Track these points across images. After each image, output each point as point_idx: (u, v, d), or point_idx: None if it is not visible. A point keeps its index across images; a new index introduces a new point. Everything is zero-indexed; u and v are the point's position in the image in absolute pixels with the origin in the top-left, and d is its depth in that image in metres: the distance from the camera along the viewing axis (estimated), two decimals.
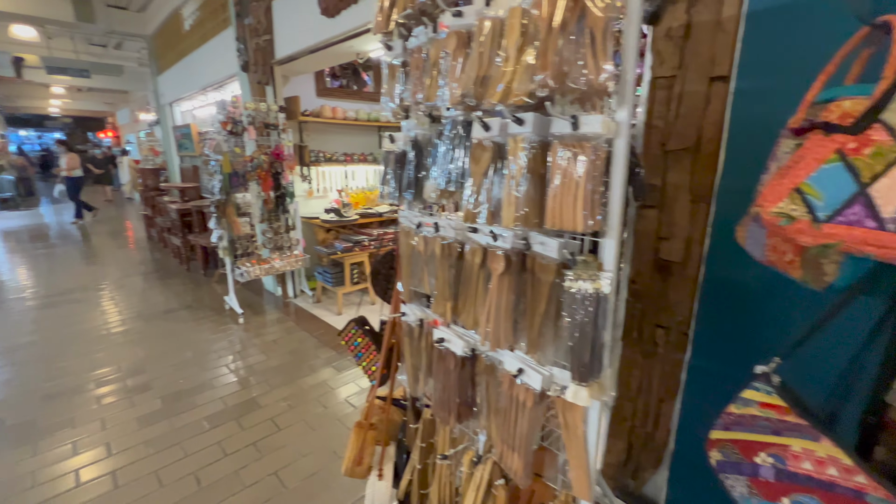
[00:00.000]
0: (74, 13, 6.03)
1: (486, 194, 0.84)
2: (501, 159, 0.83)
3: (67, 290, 4.62)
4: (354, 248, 3.96)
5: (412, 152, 1.07)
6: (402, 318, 1.23)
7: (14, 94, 14.45)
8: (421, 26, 0.99)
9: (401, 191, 1.11)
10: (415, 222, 1.10)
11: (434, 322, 1.13)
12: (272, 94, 3.84)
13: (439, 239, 1.03)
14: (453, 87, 0.87)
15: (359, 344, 1.57)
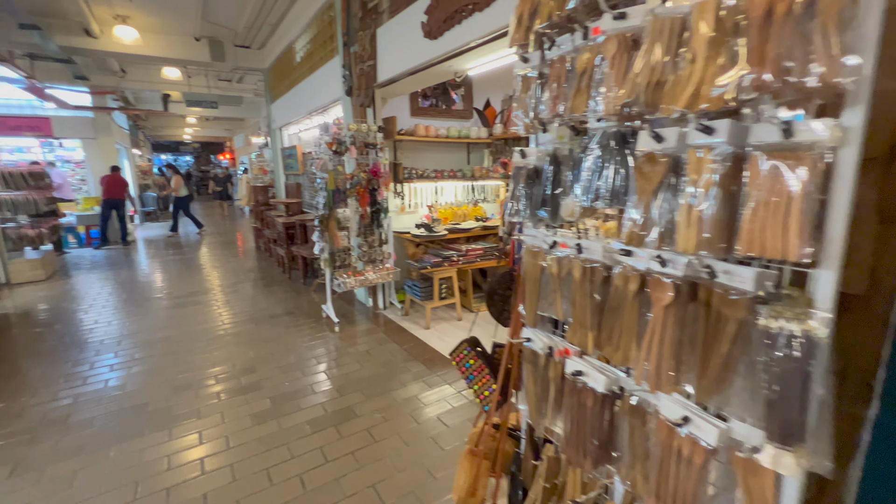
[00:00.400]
0: (210, 54, 7.03)
1: (656, 214, 0.74)
2: (677, 174, 0.73)
3: (192, 292, 5.27)
4: (443, 264, 3.98)
5: (549, 167, 1.00)
6: (526, 343, 1.15)
7: (159, 125, 17.24)
8: (566, 34, 0.93)
9: (532, 209, 1.04)
10: (548, 242, 1.02)
11: (565, 351, 1.03)
12: (372, 115, 4.06)
13: (580, 261, 0.94)
14: (613, 95, 0.79)
15: (471, 366, 1.52)
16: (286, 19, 6.10)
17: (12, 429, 2.52)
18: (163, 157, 25.30)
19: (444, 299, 4.07)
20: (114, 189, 8.12)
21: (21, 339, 3.85)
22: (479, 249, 4.23)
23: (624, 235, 0.80)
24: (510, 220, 1.14)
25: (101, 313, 4.50)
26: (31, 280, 5.91)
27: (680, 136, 0.71)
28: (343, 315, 4.31)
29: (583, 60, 0.89)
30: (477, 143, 5.16)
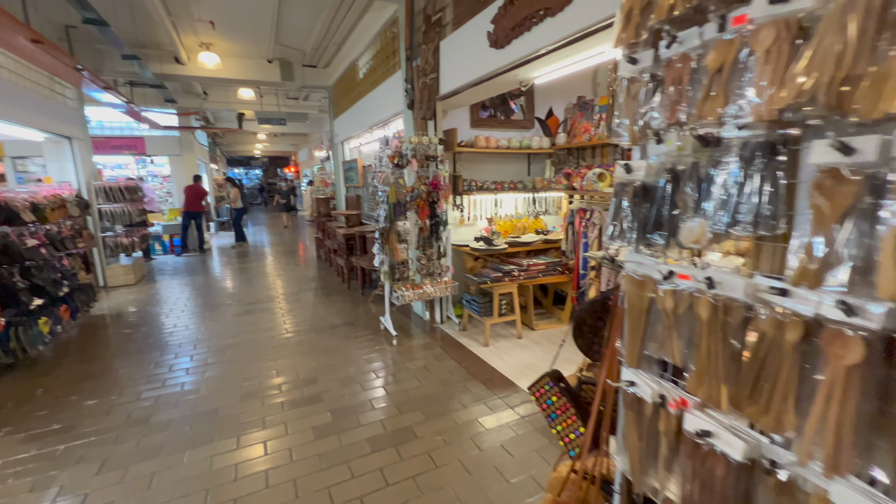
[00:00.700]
0: (281, 74, 7.47)
1: (841, 247, 0.57)
2: (876, 196, 0.56)
3: (258, 299, 5.53)
4: (504, 279, 3.84)
5: (666, 184, 0.85)
6: (628, 388, 0.99)
7: (234, 142, 18.69)
8: (692, 27, 0.78)
9: (642, 231, 0.89)
10: (661, 271, 0.87)
11: (683, 403, 0.86)
12: (433, 127, 4.04)
13: (709, 297, 0.77)
14: (769, 96, 0.63)
15: (553, 403, 1.37)
16: (350, 38, 6.33)
17: (102, 426, 2.71)
18: (236, 170, 27.44)
19: (504, 316, 3.91)
20: (193, 201, 8.83)
21: (113, 339, 4.21)
22: (541, 264, 4.03)
23: (793, 272, 0.63)
24: (610, 244, 0.99)
25: (179, 317, 4.84)
26: (124, 284, 6.52)
27: (883, 147, 0.54)
28: (400, 328, 4.29)
29: (717, 57, 0.74)
30: (538, 154, 4.99)
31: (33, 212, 3.96)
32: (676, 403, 0.87)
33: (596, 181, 4.12)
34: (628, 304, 0.99)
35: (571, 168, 4.57)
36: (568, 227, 4.42)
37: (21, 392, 3.17)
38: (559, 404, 1.36)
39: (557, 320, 4.35)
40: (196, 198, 8.87)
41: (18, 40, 3.71)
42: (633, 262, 0.97)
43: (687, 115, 0.80)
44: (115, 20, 5.32)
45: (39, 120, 5.04)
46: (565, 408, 1.34)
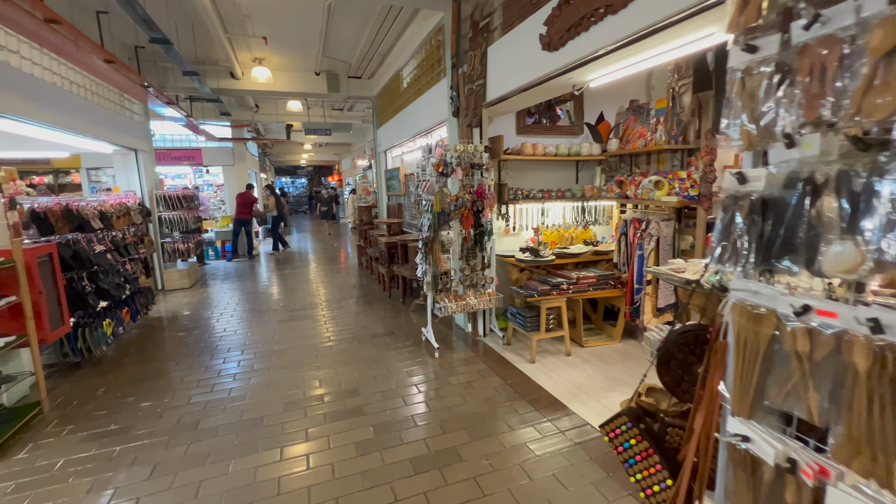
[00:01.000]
0: (328, 86, 7.67)
1: None
2: None
3: (302, 306, 5.62)
4: (552, 292, 3.65)
5: (801, 197, 0.68)
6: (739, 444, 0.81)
7: (282, 152, 19.52)
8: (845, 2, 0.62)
9: (763, 254, 0.73)
10: (795, 305, 0.70)
11: (823, 472, 0.69)
12: (478, 135, 3.94)
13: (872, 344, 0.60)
14: None
15: (631, 447, 1.20)
16: (395, 49, 6.39)
17: (155, 429, 2.78)
18: (283, 179, 28.67)
19: (552, 331, 3.71)
20: (244, 208, 9.21)
21: (168, 342, 4.38)
22: (591, 277, 3.81)
23: None
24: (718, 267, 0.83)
25: (228, 322, 4.98)
26: (179, 287, 6.86)
27: None
28: (442, 340, 4.18)
29: (886, 36, 0.58)
30: (587, 161, 4.76)
31: (101, 219, 4.22)
32: (814, 472, 0.70)
33: (652, 189, 3.85)
34: (737, 341, 0.83)
35: (624, 175, 4.32)
36: (620, 238, 4.17)
37: (85, 391, 3.34)
38: (639, 449, 1.19)
39: (608, 337, 4.09)
40: (247, 205, 9.26)
41: (94, 60, 3.98)
42: (745, 290, 0.81)
43: (833, 111, 0.64)
44: (178, 39, 5.66)
45: (110, 134, 5.41)
46: (647, 454, 1.17)
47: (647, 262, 3.78)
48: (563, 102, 4.86)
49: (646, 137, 4.05)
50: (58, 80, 4.34)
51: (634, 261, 3.89)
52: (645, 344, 2.65)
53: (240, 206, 9.21)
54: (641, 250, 3.83)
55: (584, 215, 4.55)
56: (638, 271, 3.86)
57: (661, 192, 3.80)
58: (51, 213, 3.67)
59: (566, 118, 4.88)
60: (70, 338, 3.67)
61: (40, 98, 3.96)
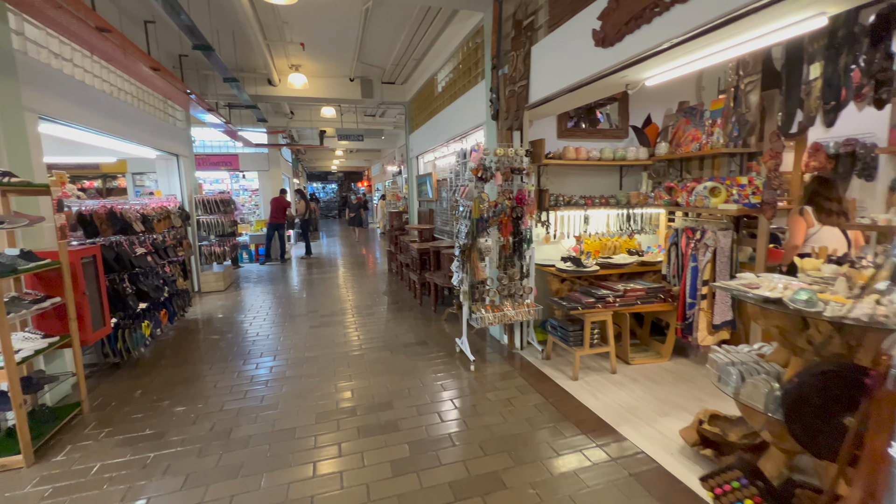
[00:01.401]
0: (361, 92, 7.69)
1: None
2: None
3: (333, 311, 5.57)
4: (597, 305, 3.42)
5: None
6: None
7: (314, 158, 19.93)
8: None
9: None
10: None
11: None
12: (519, 138, 3.78)
13: None
14: None
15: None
16: (430, 53, 6.33)
17: (189, 436, 2.73)
18: (314, 184, 29.31)
19: (596, 347, 3.48)
20: (278, 213, 9.36)
21: (203, 345, 4.40)
22: (639, 290, 3.55)
23: None
24: None
25: (261, 326, 4.98)
26: (215, 290, 6.98)
27: None
28: (477, 351, 4.01)
29: None
30: (632, 166, 4.51)
31: (143, 222, 4.29)
32: None
33: (707, 196, 3.57)
34: None
35: (674, 181, 4.04)
36: (670, 249, 3.89)
37: (123, 392, 3.36)
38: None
39: (656, 354, 3.80)
40: (280, 209, 9.40)
41: (141, 68, 4.08)
42: None
43: None
44: (219, 47, 5.78)
45: (154, 139, 5.56)
46: None
47: (702, 275, 3.49)
48: (603, 106, 4.63)
49: (700, 140, 3.77)
50: (106, 87, 4.48)
51: (687, 273, 3.61)
52: (710, 367, 2.40)
53: (274, 211, 9.36)
54: (695, 262, 3.55)
55: (629, 223, 4.29)
56: (691, 284, 3.57)
57: (717, 200, 3.52)
58: (96, 215, 3.75)
59: (606, 122, 4.65)
60: (110, 338, 3.72)
61: (91, 104, 4.09)
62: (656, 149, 4.20)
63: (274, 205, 9.43)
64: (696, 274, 3.55)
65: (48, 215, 3.08)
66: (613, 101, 4.60)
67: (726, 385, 2.17)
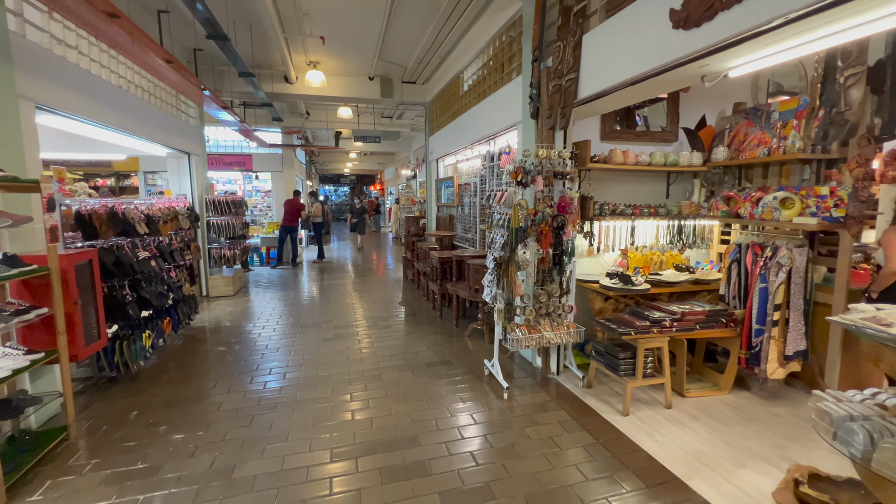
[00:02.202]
0: (381, 91, 7.37)
1: None
2: None
3: (347, 322, 5.20)
4: (652, 329, 2.99)
5: None
6: None
7: (328, 160, 19.76)
8: None
9: None
10: None
11: None
12: (562, 139, 3.38)
13: None
14: None
15: None
16: (456, 49, 5.98)
17: (185, 472, 2.36)
18: (326, 187, 29.20)
19: (650, 377, 3.04)
20: (291, 216, 9.07)
21: (209, 357, 4.05)
22: (699, 313, 3.11)
23: None
24: None
25: (270, 338, 4.63)
26: (223, 294, 6.67)
27: None
28: (507, 375, 3.60)
29: None
30: (680, 173, 4.08)
31: (147, 224, 3.98)
32: None
33: (778, 208, 3.14)
34: None
35: (733, 190, 3.61)
36: (731, 266, 3.45)
37: (117, 413, 3.01)
38: None
39: (713, 386, 3.35)
40: (294, 212, 9.11)
41: (153, 59, 3.77)
42: None
43: None
44: (236, 40, 5.49)
45: (164, 136, 5.28)
46: None
47: (774, 298, 3.04)
48: (642, 107, 4.22)
49: (769, 145, 3.34)
50: (115, 79, 4.20)
51: (754, 295, 3.16)
52: (817, 418, 1.96)
53: (287, 213, 9.07)
54: (765, 283, 3.11)
55: (679, 236, 3.85)
56: (759, 308, 3.13)
57: (790, 212, 3.08)
58: (96, 216, 3.44)
59: (643, 125, 4.22)
60: (107, 351, 3.39)
61: (97, 95, 3.79)
62: (712, 154, 3.77)
63: (287, 207, 9.15)
64: (765, 296, 3.10)
65: (39, 215, 2.76)
66: (658, 101, 4.18)
67: (847, 446, 1.73)
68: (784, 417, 2.92)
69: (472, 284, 4.58)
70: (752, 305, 3.17)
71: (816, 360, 3.19)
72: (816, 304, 3.15)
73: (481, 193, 5.61)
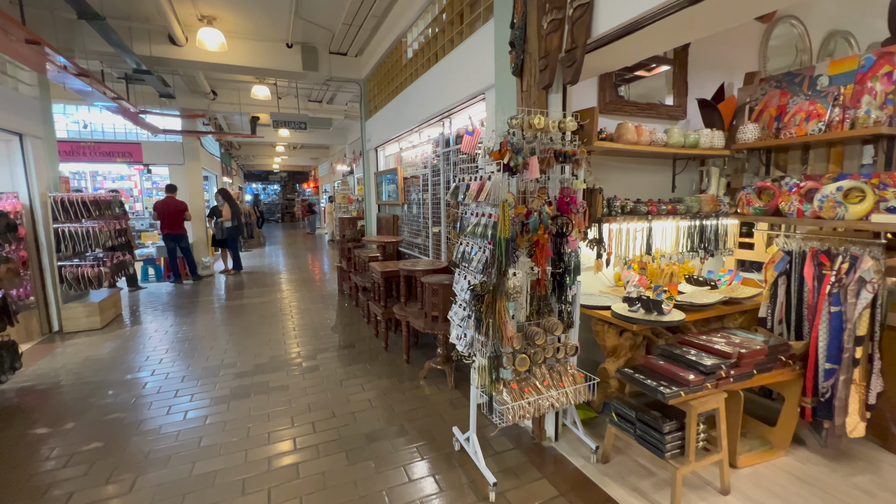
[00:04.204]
0: (303, 63, 5.92)
1: None
2: None
3: (257, 366, 3.80)
4: (706, 384, 2.01)
5: None
6: None
7: (251, 154, 17.51)
8: None
9: None
10: None
11: None
12: (559, 104, 2.31)
13: None
14: None
15: None
16: (396, 5, 4.74)
17: None
18: (253, 185, 26.43)
19: (707, 455, 2.06)
20: (171, 221, 7.11)
21: (14, 453, 2.49)
22: (758, 351, 2.19)
23: None
24: None
25: (141, 398, 3.11)
26: (87, 329, 4.89)
27: None
28: (483, 441, 2.47)
29: None
30: (688, 157, 3.21)
31: None
32: None
33: (842, 203, 2.30)
34: None
35: (767, 180, 2.77)
36: (777, 282, 2.59)
37: None
38: None
39: (764, 445, 2.46)
40: (175, 215, 7.16)
41: None
42: None
43: None
44: None
45: None
46: None
47: (855, 328, 2.20)
48: (629, 80, 3.34)
49: (825, 118, 2.50)
50: None
51: (821, 322, 2.31)
52: None
53: (166, 218, 7.11)
54: (839, 305, 2.26)
55: (701, 240, 2.95)
56: (830, 341, 2.27)
57: (859, 208, 2.25)
58: None
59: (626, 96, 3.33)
60: None
61: None
62: (738, 133, 2.91)
63: (162, 209, 7.06)
64: (839, 324, 2.25)
65: None
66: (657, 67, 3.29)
67: None
68: (878, 496, 2.08)
69: (429, 309, 3.41)
70: (819, 336, 2.32)
71: (887, 401, 2.42)
72: (889, 329, 2.37)
73: (434, 188, 4.44)
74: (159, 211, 7.07)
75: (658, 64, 3.22)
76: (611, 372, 2.55)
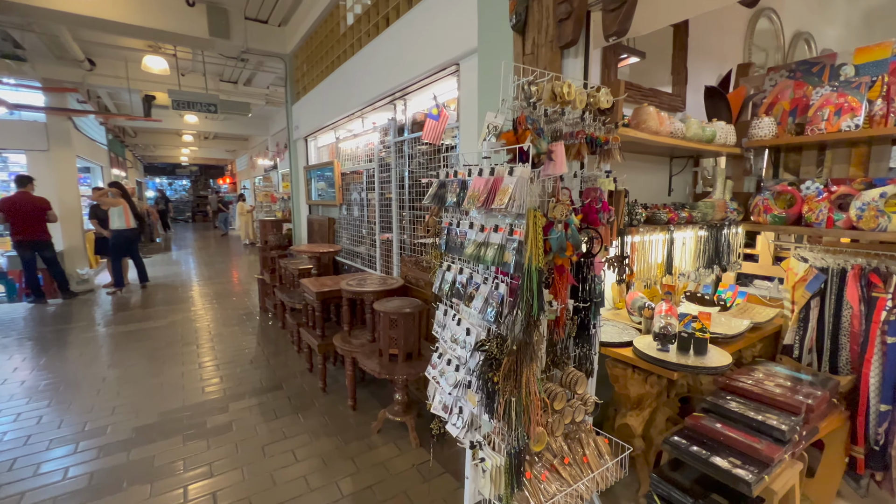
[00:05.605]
0: (209, 27, 4.74)
1: None
2: None
3: (146, 426, 2.72)
4: (779, 456, 1.49)
5: None
6: None
7: (151, 143, 15.05)
8: None
9: None
10: None
11: None
12: (581, 70, 1.67)
13: None
14: None
15: None
16: None
17: None
18: (157, 180, 23.12)
19: None
20: (27, 223, 5.46)
21: None
22: (821, 398, 1.73)
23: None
24: None
25: None
26: None
27: None
28: None
29: None
30: (683, 157, 2.78)
31: None
32: None
33: (882, 211, 1.96)
34: None
35: (785, 182, 2.39)
36: (809, 304, 2.20)
37: None
38: None
39: (804, 502, 2.04)
40: (29, 216, 5.46)
41: None
42: None
43: None
44: None
45: None
46: None
47: None
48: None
49: (860, 112, 2.14)
50: None
51: (875, 358, 1.93)
52: None
53: (19, 220, 5.42)
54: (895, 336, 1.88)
55: (715, 253, 2.49)
56: (887, 379, 1.90)
57: None
58: None
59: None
60: None
61: None
62: (752, 128, 2.51)
63: (11, 209, 5.32)
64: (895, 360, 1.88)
65: None
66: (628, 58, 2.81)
67: None
68: None
69: (385, 346, 2.61)
70: (870, 374, 1.94)
71: None
72: None
73: (383, 186, 3.62)
74: (8, 211, 5.36)
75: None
76: (636, 430, 1.98)
